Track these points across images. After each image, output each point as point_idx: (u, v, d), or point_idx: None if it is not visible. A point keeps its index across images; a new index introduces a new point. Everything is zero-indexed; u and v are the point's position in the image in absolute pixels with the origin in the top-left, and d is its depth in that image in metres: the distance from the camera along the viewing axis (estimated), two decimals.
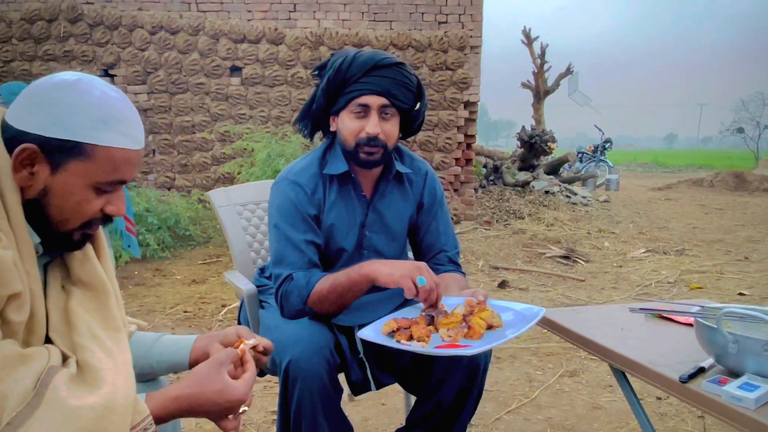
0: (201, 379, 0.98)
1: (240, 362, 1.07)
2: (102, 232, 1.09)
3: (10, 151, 0.90)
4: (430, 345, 1.28)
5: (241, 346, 1.09)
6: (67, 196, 0.93)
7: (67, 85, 0.92)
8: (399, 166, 1.66)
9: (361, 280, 1.44)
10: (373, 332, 1.35)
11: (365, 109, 1.52)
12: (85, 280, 1.01)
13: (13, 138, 0.90)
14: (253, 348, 1.11)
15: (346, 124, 1.55)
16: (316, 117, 1.64)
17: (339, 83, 1.53)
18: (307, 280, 1.50)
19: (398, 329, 1.34)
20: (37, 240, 0.95)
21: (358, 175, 1.63)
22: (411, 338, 1.31)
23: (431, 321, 1.35)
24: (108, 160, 0.93)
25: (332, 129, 1.63)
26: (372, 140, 1.52)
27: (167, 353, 1.16)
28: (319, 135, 1.73)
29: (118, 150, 0.94)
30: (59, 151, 0.91)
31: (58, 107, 0.90)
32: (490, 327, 1.34)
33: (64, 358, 0.92)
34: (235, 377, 1.03)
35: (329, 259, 1.65)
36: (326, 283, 1.48)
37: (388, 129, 1.54)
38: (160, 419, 0.93)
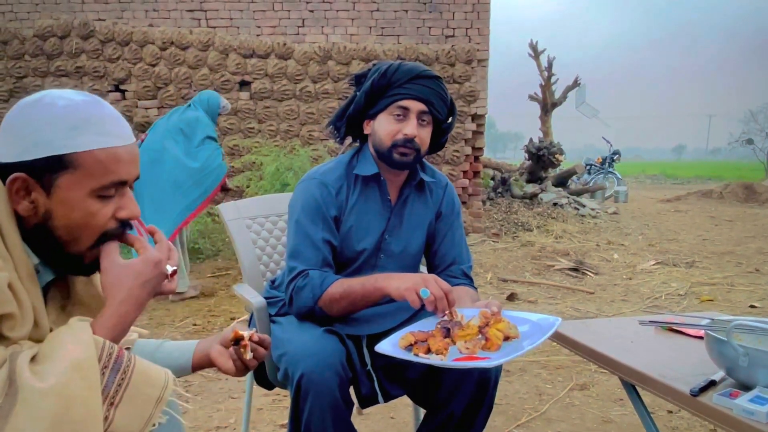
0: (116, 282, 0.96)
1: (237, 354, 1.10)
2: None
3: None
4: (448, 357, 1.28)
5: (238, 331, 1.12)
6: (69, 213, 0.92)
7: (31, 105, 0.91)
8: (422, 175, 1.72)
9: (375, 292, 1.48)
10: (390, 346, 1.35)
11: (405, 112, 1.59)
12: (86, 302, 1.01)
13: (3, 173, 0.90)
14: (250, 338, 1.13)
15: (384, 126, 1.61)
16: (351, 120, 1.69)
17: (383, 86, 1.61)
18: (322, 280, 1.54)
19: (415, 342, 1.34)
20: (36, 260, 0.94)
21: (385, 177, 1.68)
22: (429, 351, 1.31)
23: (447, 333, 1.35)
24: (95, 164, 0.91)
25: (366, 132, 1.69)
26: (409, 141, 1.59)
27: (170, 359, 1.17)
28: (346, 142, 1.79)
29: (101, 151, 0.92)
30: (45, 171, 0.90)
31: (27, 128, 0.89)
32: (506, 338, 1.34)
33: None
34: (233, 368, 1.09)
35: (346, 260, 1.67)
36: (340, 287, 1.52)
37: (424, 135, 1.62)
38: (116, 338, 0.93)
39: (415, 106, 1.59)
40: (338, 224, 1.65)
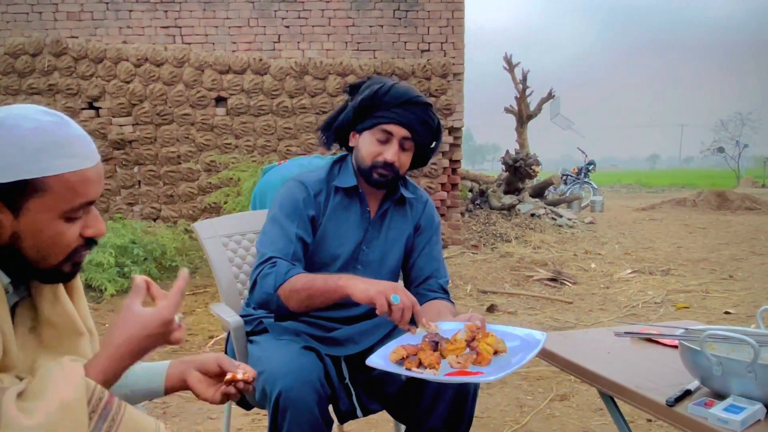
0: (121, 327, 0.95)
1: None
2: None
3: None
4: (440, 372, 1.28)
5: (229, 376, 1.10)
6: (38, 235, 0.90)
7: None
8: (403, 191, 1.74)
9: (336, 290, 1.44)
10: (381, 360, 1.33)
11: (388, 137, 1.62)
12: (54, 321, 0.98)
13: None
14: (244, 380, 1.11)
15: (368, 145, 1.64)
16: (339, 129, 1.72)
17: (371, 105, 1.63)
18: (287, 270, 1.52)
19: (407, 356, 1.33)
20: (7, 280, 0.93)
21: (364, 191, 1.70)
22: (419, 365, 1.30)
23: (436, 347, 1.34)
24: (65, 187, 0.90)
25: (351, 144, 1.71)
26: (388, 165, 1.61)
27: (141, 381, 1.14)
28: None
29: (71, 174, 0.90)
30: (13, 194, 0.87)
31: None
32: (495, 352, 1.34)
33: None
34: (217, 398, 1.08)
35: (321, 265, 1.66)
36: (302, 279, 1.50)
37: (404, 159, 1.65)
38: (108, 382, 0.92)
39: (399, 132, 1.61)
40: (315, 225, 1.67)
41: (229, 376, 1.10)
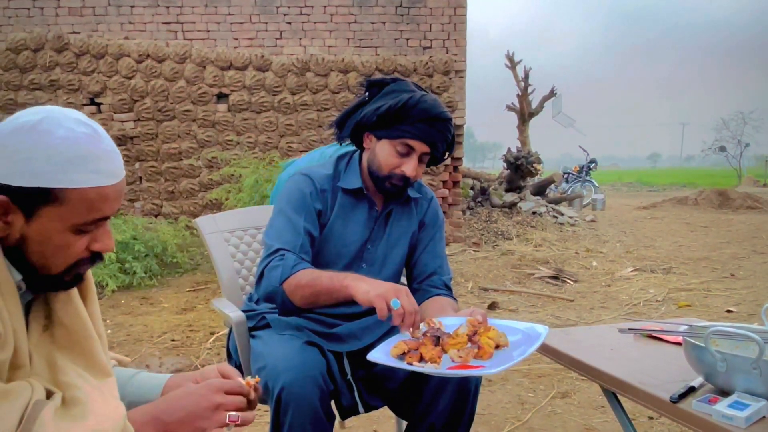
0: (182, 392, 1.02)
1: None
2: (88, 271, 1.05)
3: None
4: (441, 366, 1.28)
5: (249, 381, 1.09)
6: (45, 243, 0.90)
7: (28, 128, 0.87)
8: (410, 191, 1.73)
9: (340, 290, 1.43)
10: (383, 354, 1.33)
11: (409, 151, 1.60)
12: (66, 323, 0.97)
13: None
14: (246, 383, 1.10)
15: (386, 156, 1.62)
16: (357, 127, 1.68)
17: (398, 115, 1.59)
18: (294, 263, 1.51)
19: (408, 351, 1.33)
20: (18, 277, 0.92)
21: (369, 191, 1.70)
22: (421, 359, 1.30)
23: (437, 342, 1.34)
24: (82, 202, 0.89)
25: (365, 145, 1.69)
26: (405, 179, 1.62)
27: (140, 392, 1.14)
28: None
29: (92, 189, 0.89)
30: (30, 199, 0.87)
31: (20, 154, 0.85)
32: (497, 346, 1.33)
33: (48, 395, 0.89)
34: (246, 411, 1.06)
35: (326, 263, 1.66)
36: (309, 275, 1.49)
37: (419, 171, 1.66)
38: None
39: (421, 147, 1.60)
40: (322, 220, 1.66)
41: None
